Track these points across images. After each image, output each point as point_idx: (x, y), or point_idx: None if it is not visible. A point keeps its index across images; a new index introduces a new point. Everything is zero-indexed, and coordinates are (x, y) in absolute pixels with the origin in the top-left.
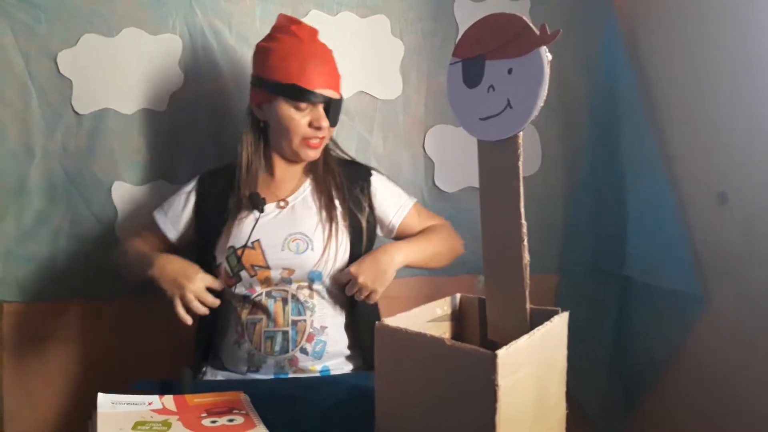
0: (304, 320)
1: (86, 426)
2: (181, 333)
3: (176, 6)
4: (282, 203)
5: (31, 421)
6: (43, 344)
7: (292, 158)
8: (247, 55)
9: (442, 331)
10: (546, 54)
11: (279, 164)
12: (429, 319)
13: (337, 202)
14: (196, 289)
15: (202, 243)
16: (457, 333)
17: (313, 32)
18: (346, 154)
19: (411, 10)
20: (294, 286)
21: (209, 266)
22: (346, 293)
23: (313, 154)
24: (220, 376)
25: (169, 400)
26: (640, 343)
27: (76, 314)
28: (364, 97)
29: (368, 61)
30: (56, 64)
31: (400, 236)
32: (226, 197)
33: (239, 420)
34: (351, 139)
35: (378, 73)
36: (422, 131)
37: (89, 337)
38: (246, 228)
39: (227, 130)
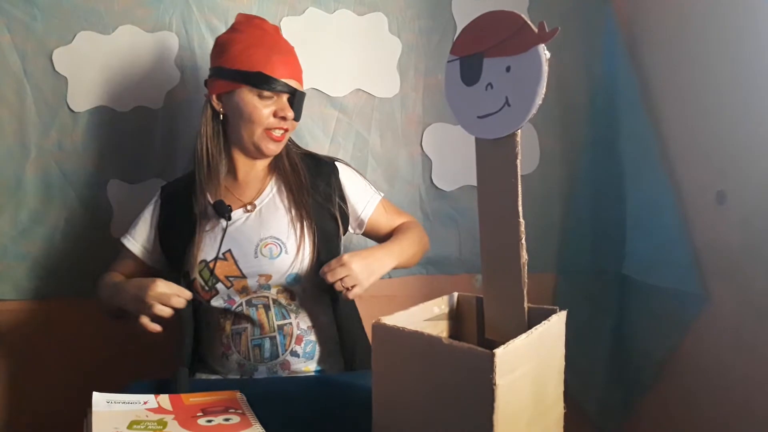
0: (290, 323)
1: (82, 425)
2: (178, 332)
3: (173, 3)
4: (249, 207)
5: (26, 419)
6: (38, 342)
7: (253, 153)
8: None
9: (440, 329)
10: (544, 52)
11: (241, 163)
12: (426, 317)
13: (305, 199)
14: (154, 294)
15: (172, 259)
16: (455, 332)
17: (277, 28)
18: (304, 149)
19: (408, 7)
20: (273, 291)
21: (183, 283)
22: (328, 278)
23: (275, 148)
24: (215, 377)
25: (164, 399)
26: (638, 342)
27: (71, 312)
28: (362, 95)
29: (365, 59)
30: (52, 61)
31: (369, 232)
32: (190, 208)
33: (235, 419)
34: (348, 137)
35: (375, 71)
36: (420, 129)
37: (85, 336)
38: (215, 239)
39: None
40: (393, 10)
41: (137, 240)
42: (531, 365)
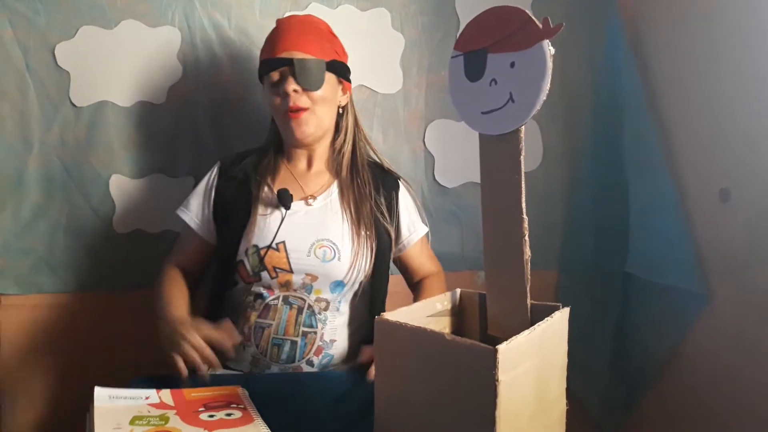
0: (315, 332)
1: (84, 420)
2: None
3: None
4: (310, 200)
5: (29, 414)
6: (40, 337)
7: (291, 141)
8: (246, 47)
9: (442, 326)
10: (549, 48)
11: (296, 156)
12: (429, 314)
13: (367, 211)
14: (185, 348)
15: (224, 238)
16: (457, 328)
17: (308, 15)
18: (376, 155)
19: (412, 3)
20: (313, 296)
21: (229, 262)
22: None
23: (298, 127)
24: (219, 372)
25: (166, 395)
26: (640, 340)
27: (73, 307)
28: (364, 91)
29: (368, 55)
30: (54, 56)
31: (400, 260)
32: (248, 189)
33: (237, 414)
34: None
35: (378, 67)
36: (422, 126)
37: (87, 331)
38: (271, 227)
39: (226, 123)
40: (396, 5)
41: (192, 212)
42: (534, 362)
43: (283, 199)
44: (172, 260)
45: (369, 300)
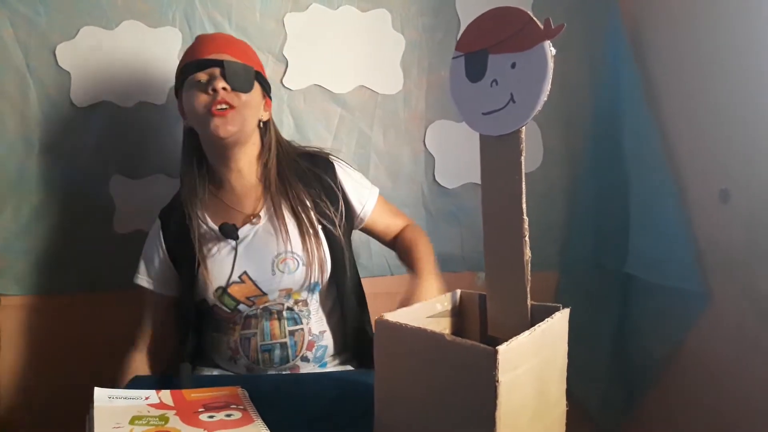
0: (302, 329)
1: (84, 420)
2: (181, 328)
3: None
4: (254, 219)
5: (28, 414)
6: (40, 338)
7: (213, 139)
8: None
9: (442, 326)
10: (550, 48)
11: (224, 175)
12: (429, 314)
13: (306, 209)
14: None
15: (186, 290)
16: (457, 329)
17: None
18: (299, 147)
19: (412, 4)
20: (291, 300)
21: (203, 309)
22: None
23: (222, 125)
24: (217, 372)
25: (166, 395)
26: (641, 340)
27: (73, 308)
28: (365, 91)
29: (369, 56)
30: (55, 56)
31: (366, 229)
32: (188, 233)
33: (237, 415)
34: (351, 134)
35: (379, 68)
36: (423, 126)
37: (87, 331)
38: (226, 263)
39: None
40: (397, 6)
41: (149, 275)
42: (534, 362)
43: (228, 233)
44: (143, 344)
45: (336, 290)
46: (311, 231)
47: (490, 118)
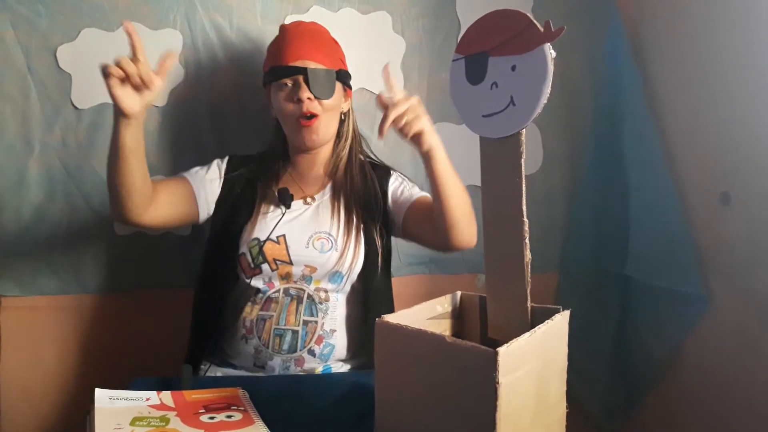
0: (316, 321)
1: (84, 421)
2: (181, 329)
3: (177, 1)
4: (309, 200)
5: (29, 416)
6: (41, 339)
7: (301, 146)
8: (248, 50)
9: (443, 328)
10: (550, 51)
11: (299, 159)
12: (429, 316)
13: (355, 208)
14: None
15: (227, 230)
16: (458, 331)
17: (312, 23)
18: (368, 154)
19: (413, 6)
20: (312, 286)
21: (231, 254)
22: (389, 112)
23: (309, 136)
24: (220, 372)
25: (167, 396)
26: (641, 343)
27: (74, 309)
28: (365, 93)
29: (369, 58)
30: (56, 58)
31: (412, 218)
32: (253, 187)
33: (237, 416)
34: None
35: (379, 70)
36: None
37: (88, 332)
38: (271, 222)
39: (227, 125)
40: (397, 8)
41: (197, 178)
42: (534, 364)
43: (284, 198)
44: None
45: (362, 297)
46: (355, 225)
47: (490, 120)
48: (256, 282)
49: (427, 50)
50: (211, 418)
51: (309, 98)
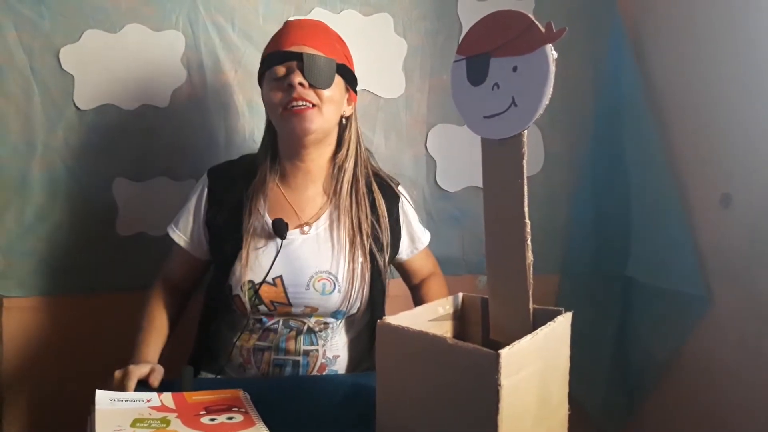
0: (316, 350)
1: (85, 422)
2: (183, 330)
3: (179, 2)
4: (306, 228)
5: (30, 416)
6: (42, 340)
7: (291, 137)
8: (249, 52)
9: (444, 330)
10: (552, 52)
11: (292, 172)
12: (431, 318)
13: (359, 239)
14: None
15: (217, 268)
16: (459, 332)
17: (318, 20)
18: (375, 167)
19: (414, 8)
20: (313, 320)
21: (224, 294)
22: None
23: (299, 123)
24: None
25: (167, 398)
26: (642, 344)
27: (76, 310)
28: (367, 95)
29: (371, 60)
30: (59, 59)
31: (401, 266)
32: (239, 217)
33: (238, 418)
34: None
35: (381, 72)
36: (424, 130)
37: (89, 333)
38: (265, 261)
39: (229, 127)
40: (399, 10)
41: (181, 230)
42: (536, 366)
43: (279, 230)
44: (164, 277)
45: (368, 327)
46: (360, 258)
47: (491, 121)
48: (254, 315)
49: (429, 51)
50: (212, 419)
51: (301, 83)
